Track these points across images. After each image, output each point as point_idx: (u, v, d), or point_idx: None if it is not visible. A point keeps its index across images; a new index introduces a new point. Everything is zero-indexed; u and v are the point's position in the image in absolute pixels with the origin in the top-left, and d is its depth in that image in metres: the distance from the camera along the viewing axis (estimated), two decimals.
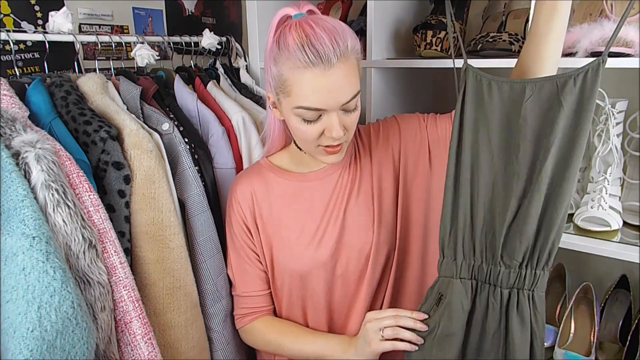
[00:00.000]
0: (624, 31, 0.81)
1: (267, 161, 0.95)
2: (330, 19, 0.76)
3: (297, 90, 0.75)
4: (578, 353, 1.02)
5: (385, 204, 0.89)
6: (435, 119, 0.91)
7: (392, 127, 0.92)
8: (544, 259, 0.72)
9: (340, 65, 0.73)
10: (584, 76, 0.65)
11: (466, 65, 0.73)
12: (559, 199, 0.69)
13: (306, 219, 0.90)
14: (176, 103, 1.05)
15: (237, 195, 0.93)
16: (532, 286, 0.73)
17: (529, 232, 0.70)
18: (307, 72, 0.72)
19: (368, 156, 0.92)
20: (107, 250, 0.74)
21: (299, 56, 0.72)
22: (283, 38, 0.75)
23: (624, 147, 1.00)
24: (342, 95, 0.75)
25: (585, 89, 0.65)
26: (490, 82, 0.71)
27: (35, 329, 0.60)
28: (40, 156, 0.67)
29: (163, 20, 1.61)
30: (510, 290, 0.74)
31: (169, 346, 0.88)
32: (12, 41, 0.86)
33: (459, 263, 0.77)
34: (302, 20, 0.74)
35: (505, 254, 0.73)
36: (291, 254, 0.90)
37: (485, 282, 0.76)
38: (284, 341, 0.94)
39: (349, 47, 0.74)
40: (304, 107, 0.75)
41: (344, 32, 0.74)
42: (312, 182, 0.91)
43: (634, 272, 1.18)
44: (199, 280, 0.93)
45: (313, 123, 0.77)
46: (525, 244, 0.71)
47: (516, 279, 0.73)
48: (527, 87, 0.69)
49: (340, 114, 0.77)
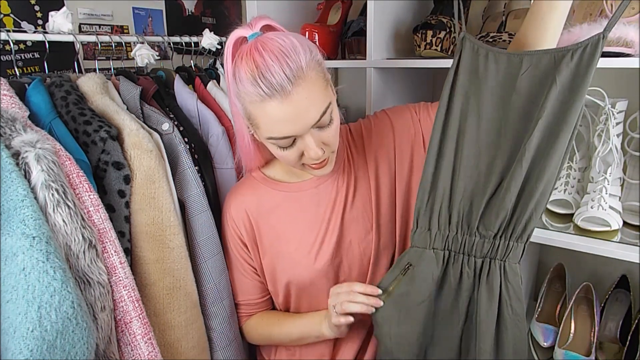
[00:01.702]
0: (624, 31, 0.81)
1: (259, 173, 0.94)
2: (283, 36, 0.72)
3: (263, 123, 0.73)
4: (578, 353, 1.02)
5: (384, 204, 0.89)
6: (428, 108, 0.90)
7: (384, 124, 0.91)
8: (518, 231, 0.72)
9: (297, 90, 0.69)
10: (582, 51, 0.63)
11: (463, 34, 0.72)
12: (540, 174, 0.68)
13: (304, 229, 0.90)
14: (176, 103, 1.05)
15: (231, 212, 0.93)
16: (504, 256, 0.73)
17: (507, 205, 0.70)
18: (266, 105, 0.70)
19: (362, 157, 0.91)
20: (107, 250, 0.74)
21: (253, 91, 0.70)
22: (238, 72, 0.72)
23: (624, 147, 1.00)
24: (308, 118, 0.72)
25: (582, 64, 0.64)
26: (488, 54, 0.70)
27: (35, 329, 0.60)
28: (40, 156, 0.67)
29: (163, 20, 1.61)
30: (483, 260, 0.74)
31: (169, 346, 0.87)
32: (12, 41, 0.86)
33: (432, 233, 0.77)
34: (252, 47, 0.70)
35: (481, 225, 0.73)
36: (291, 265, 0.90)
37: (459, 252, 0.76)
38: (273, 330, 0.96)
39: (303, 66, 0.70)
40: (273, 138, 0.74)
41: (296, 50, 0.70)
42: (307, 191, 0.90)
43: (634, 272, 1.18)
44: (199, 280, 0.93)
45: (289, 148, 0.76)
46: (502, 215, 0.71)
47: (490, 249, 0.74)
48: (524, 60, 0.68)
49: (315, 133, 0.75)
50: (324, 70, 0.76)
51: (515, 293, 0.73)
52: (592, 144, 0.98)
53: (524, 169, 0.68)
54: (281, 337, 0.95)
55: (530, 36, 0.73)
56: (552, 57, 0.65)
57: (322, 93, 0.74)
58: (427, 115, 0.89)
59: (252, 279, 0.96)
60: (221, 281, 0.96)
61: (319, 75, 0.74)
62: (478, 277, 0.75)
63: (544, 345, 1.08)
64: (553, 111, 0.66)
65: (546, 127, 0.67)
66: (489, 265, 0.74)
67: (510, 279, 0.73)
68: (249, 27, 0.74)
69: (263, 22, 0.75)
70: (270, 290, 0.97)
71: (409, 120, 0.89)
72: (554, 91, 0.65)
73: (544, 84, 0.66)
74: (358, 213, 0.89)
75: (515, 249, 0.73)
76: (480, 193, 0.73)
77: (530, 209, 0.70)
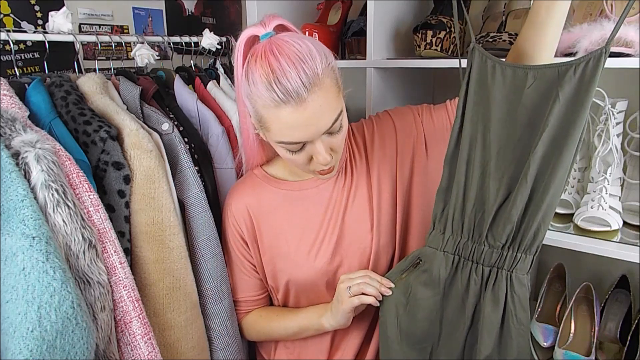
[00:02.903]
0: (624, 31, 0.81)
1: (261, 171, 0.94)
2: (298, 39, 0.71)
3: (275, 127, 0.73)
4: (578, 353, 1.02)
5: (384, 205, 0.89)
6: (431, 111, 0.90)
7: (387, 125, 0.91)
8: (525, 243, 0.72)
9: (313, 97, 0.69)
10: (584, 65, 0.63)
11: (473, 45, 0.72)
12: (546, 188, 0.69)
13: (304, 228, 0.90)
14: (176, 103, 1.05)
15: (232, 209, 0.93)
16: (512, 267, 0.74)
17: (513, 217, 0.71)
18: (280, 111, 0.70)
19: (364, 158, 0.91)
20: (107, 250, 0.74)
21: (267, 95, 0.69)
22: (251, 74, 0.71)
23: (624, 147, 1.00)
24: (321, 124, 0.72)
25: (584, 78, 0.64)
26: (495, 65, 0.70)
27: (35, 329, 0.60)
28: (40, 156, 0.67)
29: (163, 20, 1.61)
30: (491, 269, 0.75)
31: (169, 346, 0.87)
32: (12, 41, 0.86)
33: (446, 237, 0.79)
34: (267, 49, 0.69)
35: (490, 234, 0.74)
36: (291, 264, 0.90)
37: (468, 259, 0.77)
38: (271, 326, 0.96)
39: (319, 73, 0.69)
40: (284, 142, 0.74)
41: (312, 56, 0.69)
42: (308, 189, 0.90)
43: (634, 272, 1.18)
44: (199, 280, 0.93)
45: (298, 152, 0.76)
46: (509, 227, 0.72)
47: (497, 259, 0.75)
48: (529, 74, 0.68)
49: (325, 139, 0.75)
50: (337, 77, 0.75)
51: (521, 303, 0.74)
52: (592, 144, 0.98)
53: (529, 183, 0.69)
54: (280, 331, 0.96)
55: (530, 41, 0.73)
56: (555, 71, 0.66)
57: (335, 100, 0.73)
58: (429, 117, 0.89)
59: (251, 276, 0.97)
60: (221, 281, 0.96)
61: (333, 82, 0.73)
62: (485, 285, 0.76)
63: (544, 345, 1.08)
64: (557, 125, 0.66)
65: (550, 141, 0.67)
66: (496, 275, 0.75)
67: (516, 290, 0.74)
68: (261, 26, 0.73)
69: (276, 21, 0.74)
70: (271, 285, 0.97)
71: (412, 122, 0.90)
72: (557, 106, 0.65)
73: (548, 98, 0.67)
74: (358, 213, 0.89)
75: (523, 260, 0.73)
76: (488, 203, 0.74)
77: (537, 222, 0.71)
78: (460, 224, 0.77)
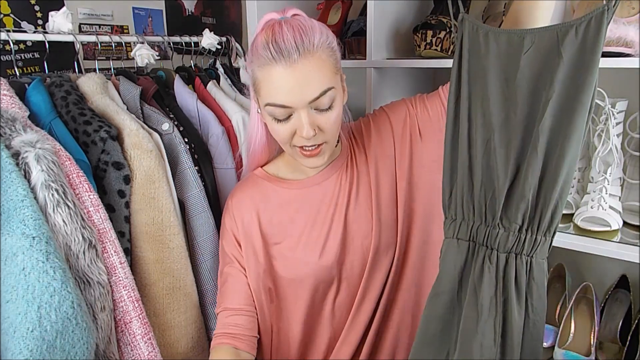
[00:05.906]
0: (624, 31, 0.81)
1: (262, 171, 0.94)
2: (309, 20, 0.76)
3: (265, 87, 0.75)
4: (578, 353, 1.02)
5: (384, 202, 0.89)
6: (424, 101, 0.89)
7: (383, 121, 0.91)
8: (545, 224, 0.67)
9: (304, 61, 0.72)
10: (586, 25, 0.60)
11: (462, 16, 0.70)
12: (559, 160, 0.64)
13: (308, 226, 0.89)
14: (176, 103, 1.05)
15: (232, 210, 0.92)
16: (532, 252, 0.68)
17: (527, 195, 0.66)
18: (272, 69, 0.73)
19: (363, 155, 0.91)
20: (107, 250, 0.74)
21: (263, 53, 0.73)
22: (255, 41, 0.76)
23: (624, 147, 1.00)
24: (307, 91, 0.73)
25: (588, 39, 0.60)
26: (488, 33, 0.67)
27: (35, 329, 0.60)
28: (40, 156, 0.67)
29: (163, 20, 1.61)
30: (508, 255, 0.69)
31: (169, 346, 0.88)
32: (12, 41, 0.86)
33: (458, 223, 0.75)
34: (276, 21, 0.74)
35: (504, 215, 0.69)
36: (296, 263, 0.90)
37: (483, 244, 0.72)
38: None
39: (315, 43, 0.73)
40: (271, 104, 0.75)
41: (314, 30, 0.74)
42: (310, 188, 0.90)
43: (634, 272, 1.18)
44: (199, 281, 0.93)
45: (284, 122, 0.77)
46: (524, 206, 0.67)
47: (515, 243, 0.69)
48: (525, 39, 0.64)
49: (311, 113, 0.76)
50: (337, 60, 0.78)
51: (539, 291, 0.69)
52: (592, 144, 0.98)
53: (539, 156, 0.64)
54: None
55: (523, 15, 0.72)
56: (554, 33, 0.62)
57: (327, 75, 0.75)
58: (423, 107, 0.89)
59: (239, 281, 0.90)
60: None
61: (330, 60, 0.76)
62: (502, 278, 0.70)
63: (544, 345, 1.08)
64: (564, 91, 0.62)
65: (558, 109, 0.63)
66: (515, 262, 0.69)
67: (535, 275, 0.69)
68: (281, 12, 0.78)
69: (293, 11, 0.78)
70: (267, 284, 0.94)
71: (406, 114, 0.89)
72: (562, 69, 0.62)
73: (549, 62, 0.63)
74: (361, 211, 0.89)
75: (543, 243, 0.68)
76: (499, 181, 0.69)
77: (554, 199, 0.65)
78: (471, 206, 0.73)
